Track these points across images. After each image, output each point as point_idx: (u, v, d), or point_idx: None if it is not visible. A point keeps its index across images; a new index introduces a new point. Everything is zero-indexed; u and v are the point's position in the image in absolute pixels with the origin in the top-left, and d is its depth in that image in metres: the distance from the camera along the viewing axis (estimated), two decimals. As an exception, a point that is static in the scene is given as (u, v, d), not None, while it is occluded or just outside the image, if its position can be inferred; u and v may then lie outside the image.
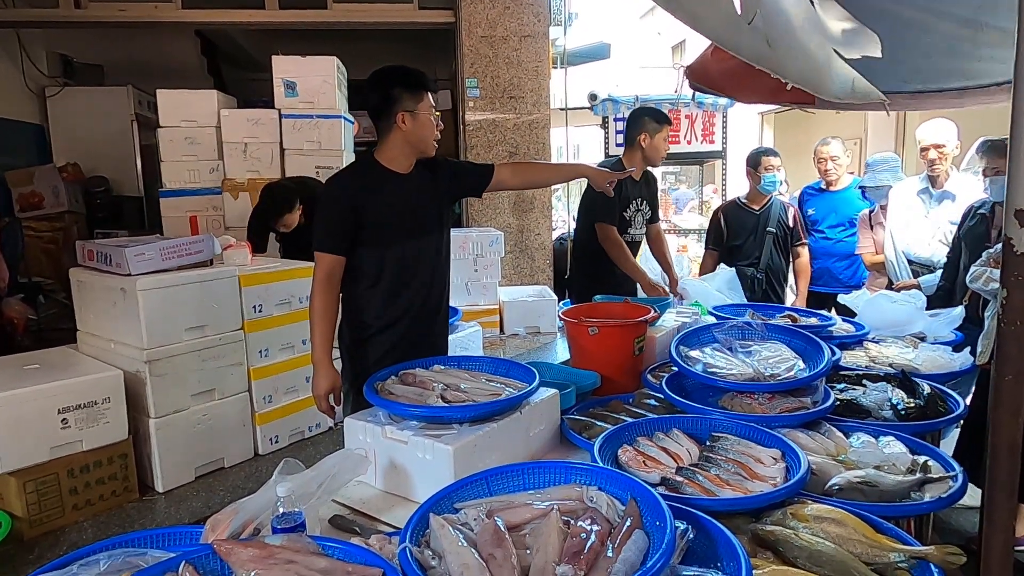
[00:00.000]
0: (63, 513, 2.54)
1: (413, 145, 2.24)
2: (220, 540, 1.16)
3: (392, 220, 2.23)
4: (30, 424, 2.47)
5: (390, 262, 2.25)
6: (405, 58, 2.67)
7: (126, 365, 2.78)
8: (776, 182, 3.97)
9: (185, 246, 2.98)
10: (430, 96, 2.24)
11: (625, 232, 3.61)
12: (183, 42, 7.44)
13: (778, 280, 4.03)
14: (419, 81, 2.22)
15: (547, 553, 1.13)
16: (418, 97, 2.19)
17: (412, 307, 2.31)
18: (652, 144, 3.52)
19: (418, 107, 2.18)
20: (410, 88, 2.18)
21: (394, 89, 2.18)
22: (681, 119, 6.46)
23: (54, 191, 5.76)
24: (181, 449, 2.89)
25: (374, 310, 2.29)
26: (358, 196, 2.18)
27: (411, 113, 2.18)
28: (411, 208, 2.28)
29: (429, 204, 2.35)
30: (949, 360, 2.37)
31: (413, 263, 2.29)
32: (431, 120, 2.23)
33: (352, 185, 2.22)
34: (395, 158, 2.26)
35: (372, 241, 2.22)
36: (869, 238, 4.13)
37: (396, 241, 2.25)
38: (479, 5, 5.47)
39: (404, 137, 2.22)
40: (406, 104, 2.18)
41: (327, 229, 2.20)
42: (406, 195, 2.27)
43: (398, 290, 2.28)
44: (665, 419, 1.80)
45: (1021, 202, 1.20)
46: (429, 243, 2.36)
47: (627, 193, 3.59)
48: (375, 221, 2.20)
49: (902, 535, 1.31)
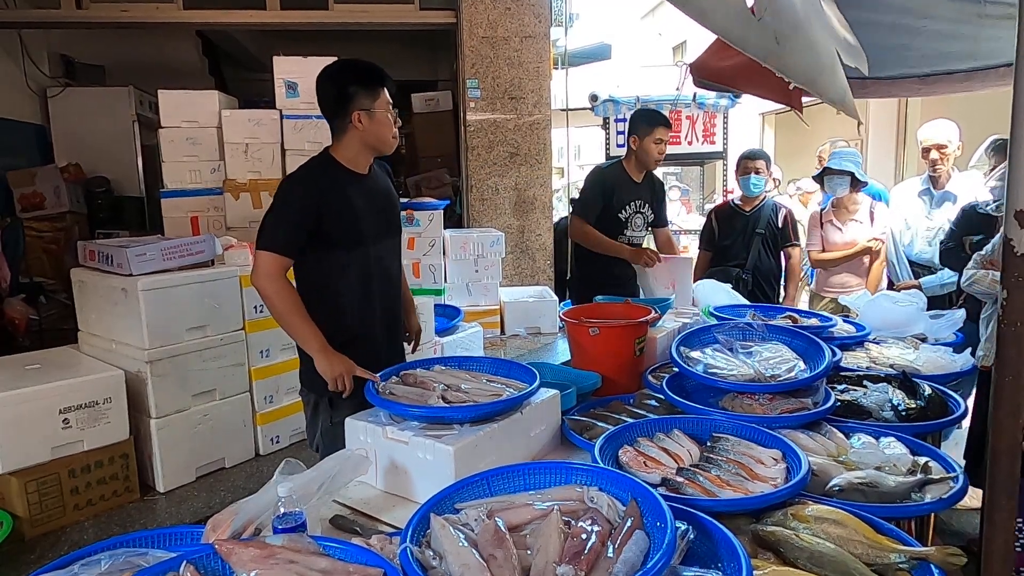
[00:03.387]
0: (64, 513, 2.54)
1: (371, 145, 2.12)
2: (221, 540, 1.16)
3: (356, 224, 2.10)
4: (31, 424, 2.47)
5: (356, 268, 2.13)
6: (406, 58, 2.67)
7: (127, 365, 2.79)
8: (760, 184, 3.97)
9: (186, 246, 2.99)
10: (386, 92, 2.10)
11: (621, 233, 3.59)
12: (184, 42, 7.45)
13: (767, 281, 4.00)
14: (375, 76, 2.07)
15: (548, 553, 1.13)
16: (374, 94, 2.05)
17: (380, 314, 2.20)
18: (642, 146, 3.51)
19: (375, 105, 2.05)
20: (366, 85, 2.05)
21: (349, 87, 2.04)
22: (682, 120, 6.47)
23: (55, 191, 5.77)
24: (182, 449, 2.89)
25: (343, 319, 2.14)
26: (320, 198, 2.03)
27: (367, 112, 2.05)
28: (374, 210, 2.16)
29: (389, 207, 2.25)
30: (950, 361, 2.37)
31: (379, 268, 2.19)
32: (388, 118, 2.09)
33: (314, 186, 2.06)
34: (353, 158, 2.12)
35: (337, 245, 2.08)
36: (817, 236, 4.19)
37: (361, 245, 2.12)
38: (480, 6, 5.48)
39: (361, 137, 2.09)
40: (362, 102, 2.04)
41: (281, 228, 2.01)
42: (368, 197, 2.15)
43: (367, 297, 2.16)
44: (666, 420, 1.80)
45: (1021, 203, 1.20)
46: (392, 247, 2.27)
47: (620, 195, 3.57)
48: (338, 224, 2.06)
49: (903, 536, 1.31)
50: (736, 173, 4.10)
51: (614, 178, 3.59)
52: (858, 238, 4.08)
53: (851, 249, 4.02)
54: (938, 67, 2.95)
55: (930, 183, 3.84)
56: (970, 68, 2.87)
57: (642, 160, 3.56)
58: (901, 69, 2.96)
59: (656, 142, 3.48)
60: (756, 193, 3.98)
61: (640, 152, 3.53)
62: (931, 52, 2.82)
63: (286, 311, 2.02)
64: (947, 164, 3.77)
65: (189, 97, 4.41)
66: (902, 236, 3.94)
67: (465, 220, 5.77)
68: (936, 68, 2.96)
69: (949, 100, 5.16)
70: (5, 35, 5.70)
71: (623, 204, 3.57)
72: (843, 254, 4.05)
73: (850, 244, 4.10)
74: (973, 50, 2.71)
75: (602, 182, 3.60)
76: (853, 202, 4.09)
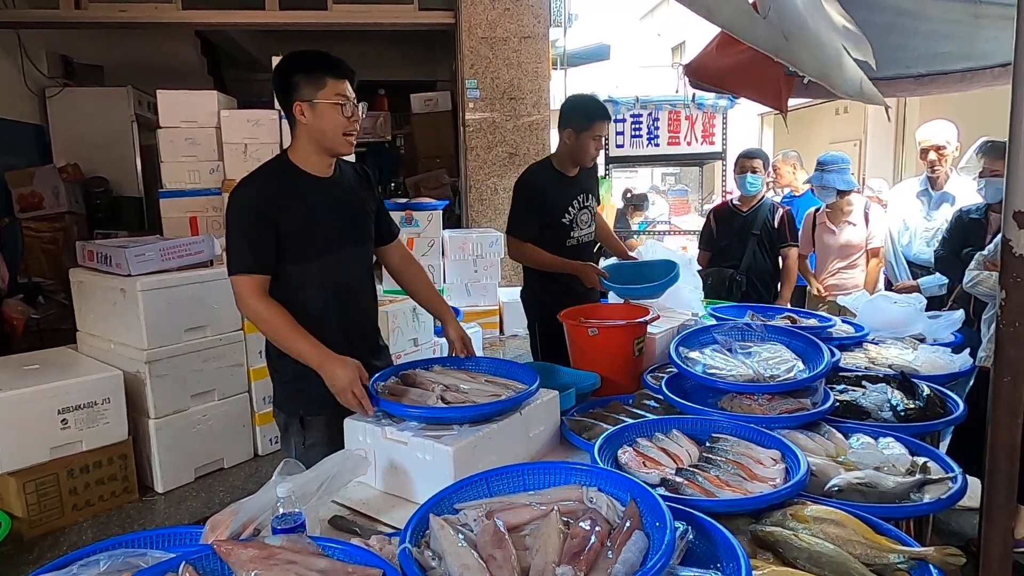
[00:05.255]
0: (63, 513, 2.54)
1: (317, 142, 1.92)
2: (220, 541, 1.16)
3: (311, 231, 1.93)
4: (30, 424, 2.47)
5: (309, 280, 1.96)
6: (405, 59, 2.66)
7: (126, 366, 2.79)
8: (757, 183, 3.97)
9: (185, 247, 2.99)
10: (341, 83, 1.88)
11: (569, 237, 3.06)
12: (183, 43, 7.45)
13: (763, 282, 3.96)
14: (320, 65, 1.88)
15: (547, 554, 1.13)
16: (318, 84, 1.86)
17: (338, 329, 2.01)
18: (578, 143, 2.96)
19: (317, 95, 1.86)
20: (308, 73, 1.86)
21: (292, 76, 1.87)
22: (681, 120, 6.47)
23: (54, 191, 5.77)
24: (181, 450, 2.89)
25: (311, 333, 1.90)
26: (271, 204, 1.87)
27: (308, 103, 1.86)
28: (332, 217, 1.98)
29: (354, 213, 2.06)
30: (948, 361, 2.37)
31: (337, 280, 2.01)
32: (336, 112, 1.87)
33: (264, 191, 1.89)
34: (306, 158, 1.95)
35: (292, 257, 1.92)
36: (808, 238, 4.25)
37: (313, 255, 1.95)
38: (479, 6, 5.48)
39: (307, 132, 1.91)
40: (303, 92, 1.86)
41: (243, 247, 1.85)
42: (326, 201, 1.97)
43: (324, 312, 1.99)
44: (665, 420, 1.80)
45: (1020, 204, 1.21)
46: (357, 255, 2.08)
47: (558, 199, 3.03)
48: (293, 232, 1.89)
49: (902, 536, 1.31)
50: (734, 172, 4.11)
51: (546, 182, 3.03)
52: (852, 240, 4.09)
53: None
54: (934, 67, 2.95)
55: (928, 184, 3.84)
56: (966, 68, 2.87)
57: (576, 157, 3.02)
58: (897, 69, 2.96)
59: (595, 138, 2.97)
60: (753, 192, 3.98)
61: (575, 149, 2.99)
62: (927, 52, 2.82)
63: (272, 330, 1.88)
64: (945, 165, 3.77)
65: (188, 97, 4.42)
66: (900, 237, 3.94)
67: (464, 220, 5.78)
68: (932, 68, 2.96)
69: (949, 101, 5.18)
70: (4, 35, 5.70)
71: (565, 207, 3.02)
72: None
73: (844, 246, 4.11)
74: (969, 50, 2.72)
75: (533, 192, 3.02)
76: (847, 203, 4.10)
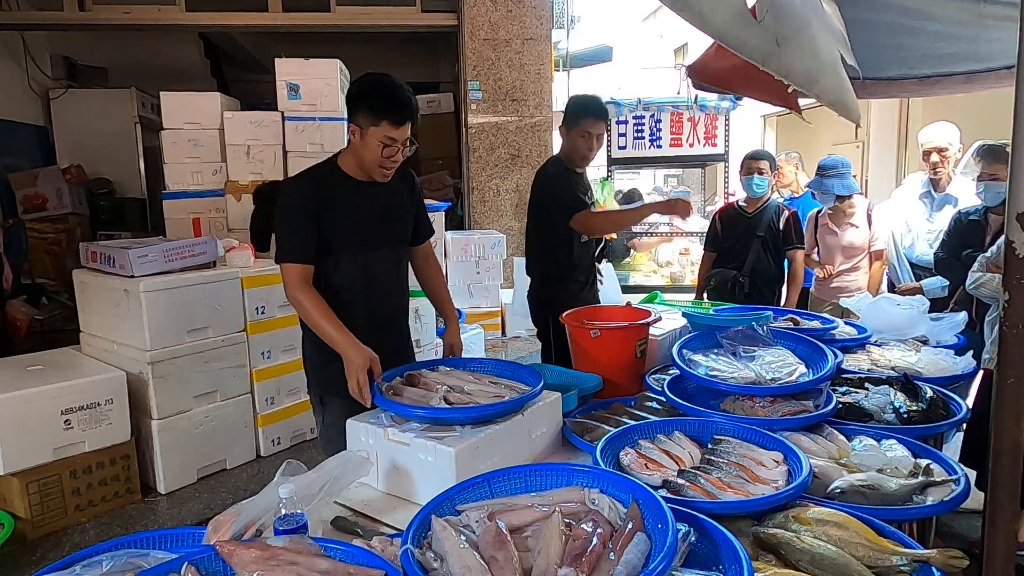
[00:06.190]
0: (66, 514, 2.55)
1: (359, 159, 2.10)
2: (222, 541, 1.16)
3: (349, 230, 2.10)
4: (33, 425, 2.48)
5: (340, 273, 2.12)
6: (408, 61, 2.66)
7: (129, 366, 2.79)
8: (763, 184, 3.96)
9: (188, 248, 2.99)
10: (396, 129, 2.01)
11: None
12: (186, 44, 7.47)
13: (767, 284, 3.93)
14: (384, 105, 2.01)
15: (549, 555, 1.13)
16: (375, 120, 2.00)
17: (365, 323, 2.10)
18: (568, 140, 2.99)
19: (370, 128, 2.01)
20: (371, 108, 2.01)
21: (359, 101, 2.04)
22: (684, 122, 6.46)
23: (57, 193, 5.79)
24: (183, 450, 2.89)
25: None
26: (317, 204, 2.05)
27: (361, 129, 2.03)
28: (369, 219, 2.15)
29: (391, 216, 2.22)
30: (952, 363, 2.37)
31: (367, 276, 2.16)
32: (377, 149, 2.03)
33: (311, 192, 2.08)
34: (350, 164, 2.13)
35: (331, 251, 2.09)
36: (811, 239, 4.24)
37: (353, 252, 2.13)
38: (482, 8, 5.49)
39: (353, 148, 2.10)
40: (360, 119, 2.03)
41: (291, 238, 2.06)
42: (364, 204, 2.14)
43: (352, 304, 2.13)
44: (667, 422, 1.80)
45: (1023, 205, 1.20)
46: (389, 257, 2.23)
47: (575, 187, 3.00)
48: (332, 230, 2.07)
49: (904, 539, 1.30)
50: (740, 173, 4.09)
51: (562, 174, 3.02)
52: (854, 241, 4.08)
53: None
54: (937, 68, 2.93)
55: (931, 186, 3.84)
56: (969, 70, 2.86)
57: (568, 155, 3.02)
58: (900, 70, 2.94)
59: (583, 136, 2.91)
60: (759, 194, 3.96)
61: (566, 146, 3.01)
62: (931, 53, 2.81)
63: (308, 315, 2.03)
64: (948, 167, 3.77)
65: (191, 99, 4.43)
66: (903, 238, 3.94)
67: (466, 222, 5.78)
68: (936, 69, 2.94)
69: (951, 102, 5.17)
70: (8, 37, 5.72)
71: (585, 194, 3.05)
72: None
73: (846, 248, 4.10)
74: (973, 51, 2.70)
75: (559, 177, 3.00)
76: (849, 205, 4.09)
